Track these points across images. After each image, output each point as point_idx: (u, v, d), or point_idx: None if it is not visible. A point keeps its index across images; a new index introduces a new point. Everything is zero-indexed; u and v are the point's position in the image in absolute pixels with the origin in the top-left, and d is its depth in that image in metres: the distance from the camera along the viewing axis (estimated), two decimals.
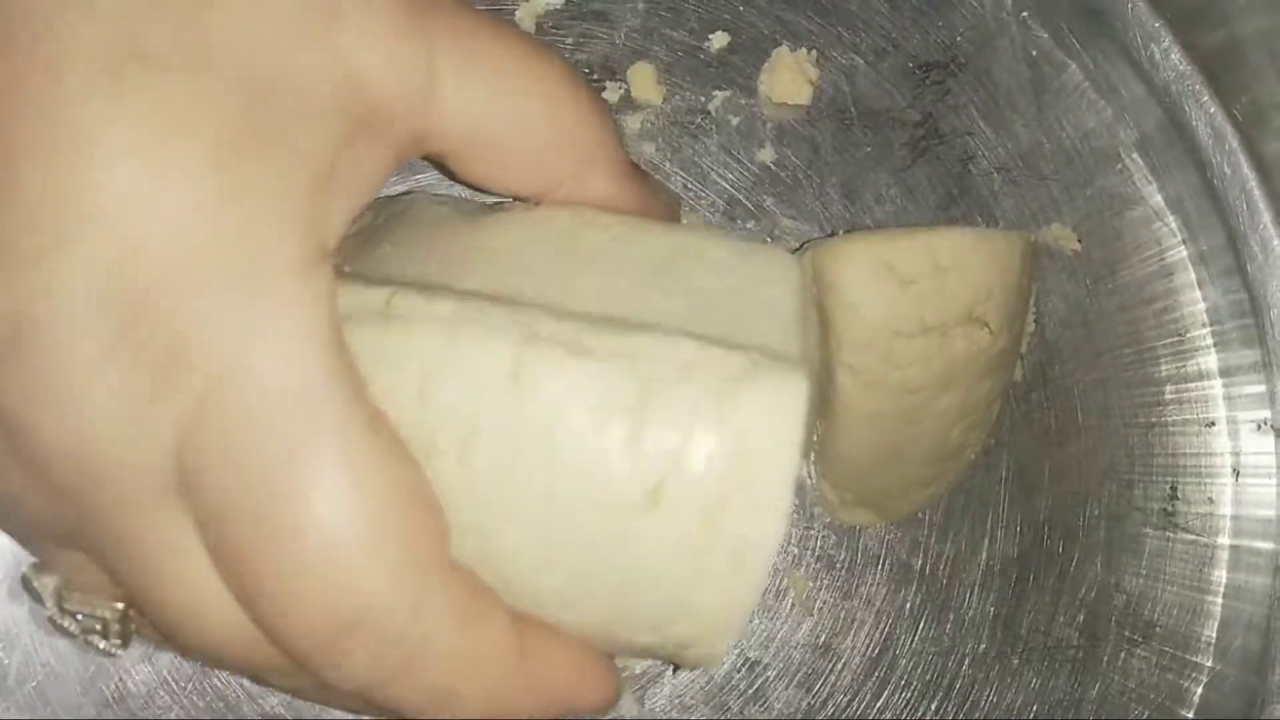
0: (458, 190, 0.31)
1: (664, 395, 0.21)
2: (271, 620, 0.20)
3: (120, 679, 0.32)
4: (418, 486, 0.21)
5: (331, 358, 0.20)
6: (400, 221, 0.26)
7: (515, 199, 0.26)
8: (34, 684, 0.31)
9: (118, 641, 0.23)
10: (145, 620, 0.23)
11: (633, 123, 0.34)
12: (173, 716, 0.32)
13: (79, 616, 0.23)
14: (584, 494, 0.21)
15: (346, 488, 0.20)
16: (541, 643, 0.23)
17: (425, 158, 0.24)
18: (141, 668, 0.32)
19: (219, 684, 0.32)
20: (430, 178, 0.33)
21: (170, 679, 0.32)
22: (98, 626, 0.23)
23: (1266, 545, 0.35)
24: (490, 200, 0.28)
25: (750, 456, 0.21)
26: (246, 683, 0.32)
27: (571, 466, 0.21)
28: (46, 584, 0.23)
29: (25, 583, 0.24)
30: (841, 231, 0.34)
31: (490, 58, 0.22)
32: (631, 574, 0.22)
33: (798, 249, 0.32)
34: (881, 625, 0.34)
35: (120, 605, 0.23)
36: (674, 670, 0.33)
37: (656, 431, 0.21)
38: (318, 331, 0.19)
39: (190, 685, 0.32)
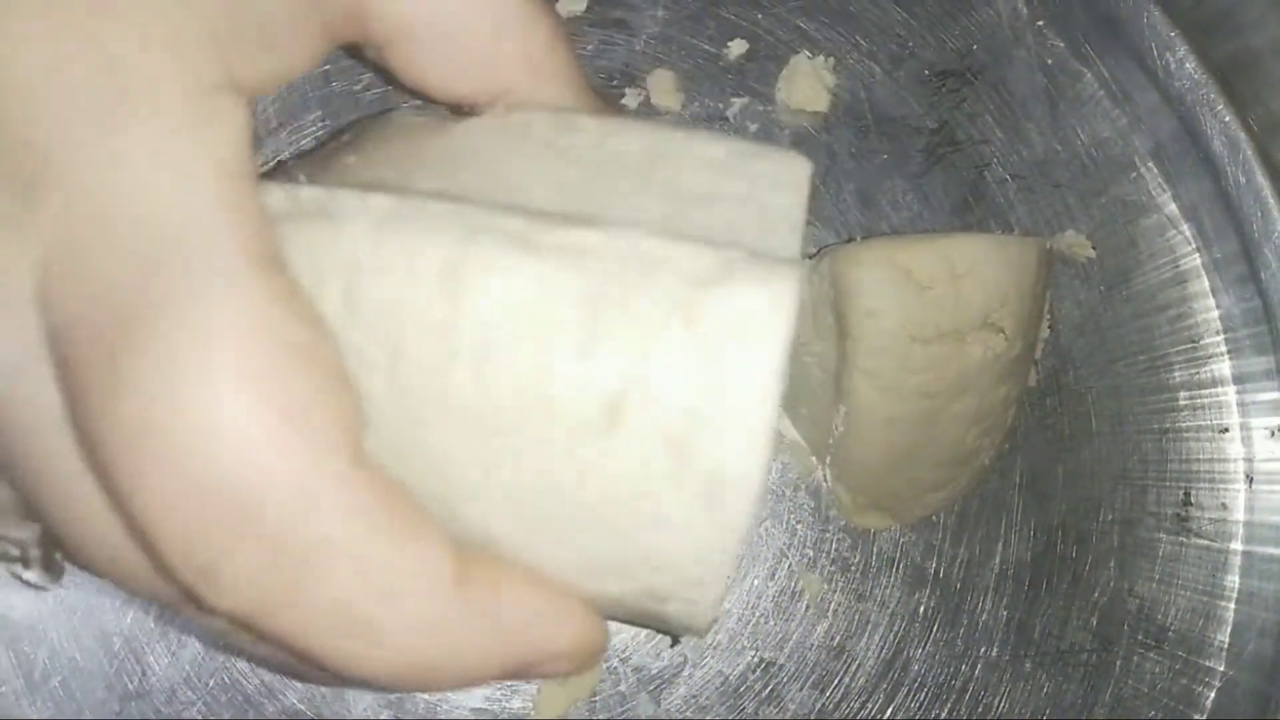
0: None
1: (621, 298, 0.18)
2: (128, 509, 0.17)
3: (144, 675, 0.32)
4: (319, 353, 0.18)
5: (220, 184, 0.17)
6: (371, 135, 0.24)
7: (464, 107, 0.24)
8: (60, 679, 0.32)
9: (43, 571, 0.21)
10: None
11: None
12: (195, 713, 0.32)
13: None
14: (529, 416, 0.18)
15: (217, 333, 0.16)
16: (489, 570, 0.19)
17: (368, 61, 0.23)
18: (165, 664, 0.32)
19: (240, 679, 0.32)
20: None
21: (193, 675, 0.32)
22: (14, 552, 0.21)
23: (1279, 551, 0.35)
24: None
25: (724, 370, 0.18)
26: (268, 677, 0.32)
27: (513, 383, 0.18)
28: None
29: None
30: (858, 237, 0.35)
31: None
32: (590, 510, 0.19)
33: (815, 255, 0.33)
34: (895, 628, 0.34)
35: (38, 524, 0.20)
36: (689, 668, 0.34)
37: (612, 341, 0.18)
38: (205, 156, 0.17)
39: (213, 681, 0.32)
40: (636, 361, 0.18)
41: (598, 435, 0.18)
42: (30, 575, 0.21)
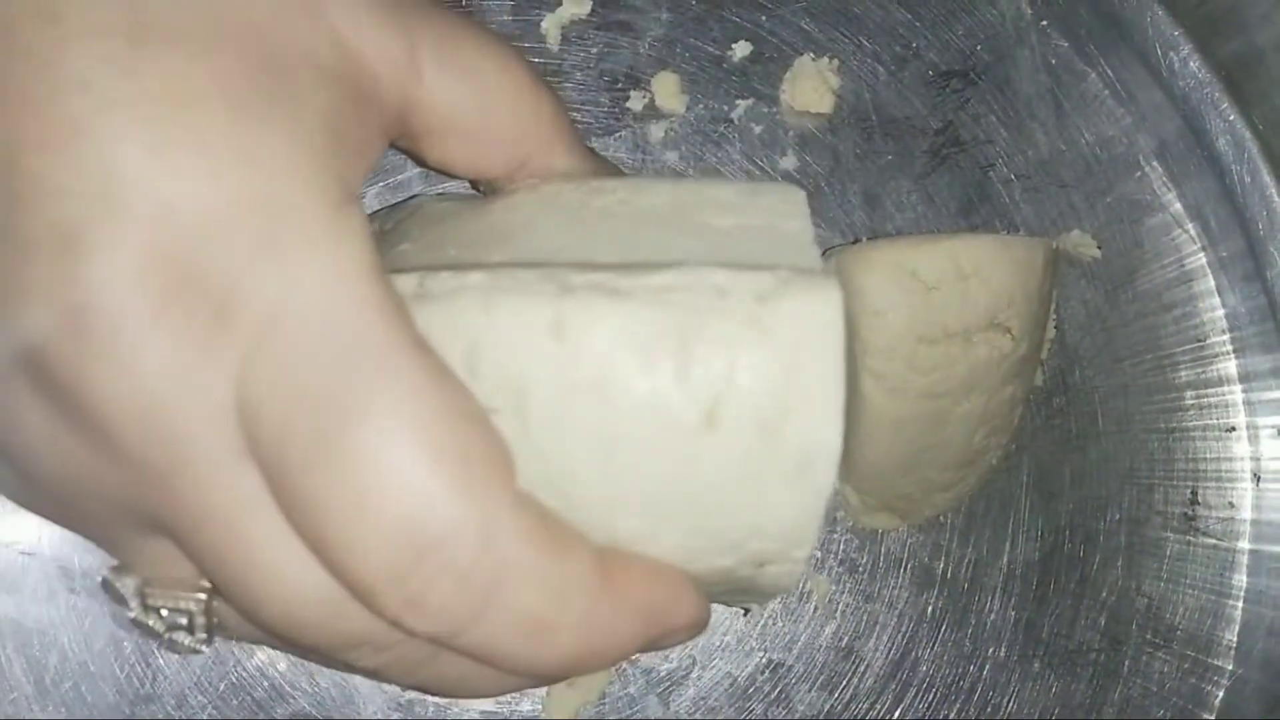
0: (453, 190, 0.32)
1: (704, 321, 0.22)
2: (342, 562, 0.20)
3: (154, 679, 0.32)
4: (472, 409, 0.21)
5: (369, 288, 0.20)
6: (412, 222, 0.27)
7: (486, 182, 0.27)
8: (70, 683, 0.32)
9: (202, 635, 0.24)
10: (227, 612, 0.23)
11: (656, 131, 0.35)
12: (205, 716, 0.32)
13: (163, 613, 0.24)
14: (644, 431, 0.22)
15: (397, 409, 0.20)
16: (622, 565, 0.23)
17: (398, 147, 0.26)
18: (175, 668, 0.32)
19: (250, 683, 0.32)
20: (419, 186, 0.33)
21: (203, 679, 0.32)
22: (182, 621, 0.24)
23: None
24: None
25: (797, 365, 0.22)
26: (277, 680, 0.32)
27: (627, 407, 0.22)
28: (128, 584, 0.24)
29: (106, 585, 0.24)
30: (864, 238, 0.35)
31: (462, 46, 0.25)
32: (702, 498, 0.23)
33: (821, 256, 0.33)
34: (903, 628, 0.34)
35: (203, 596, 0.23)
36: (698, 670, 0.34)
37: (703, 357, 0.22)
38: (353, 265, 0.20)
39: (223, 684, 0.32)
40: (725, 371, 0.22)
41: (701, 436, 0.22)
42: (189, 641, 0.24)
